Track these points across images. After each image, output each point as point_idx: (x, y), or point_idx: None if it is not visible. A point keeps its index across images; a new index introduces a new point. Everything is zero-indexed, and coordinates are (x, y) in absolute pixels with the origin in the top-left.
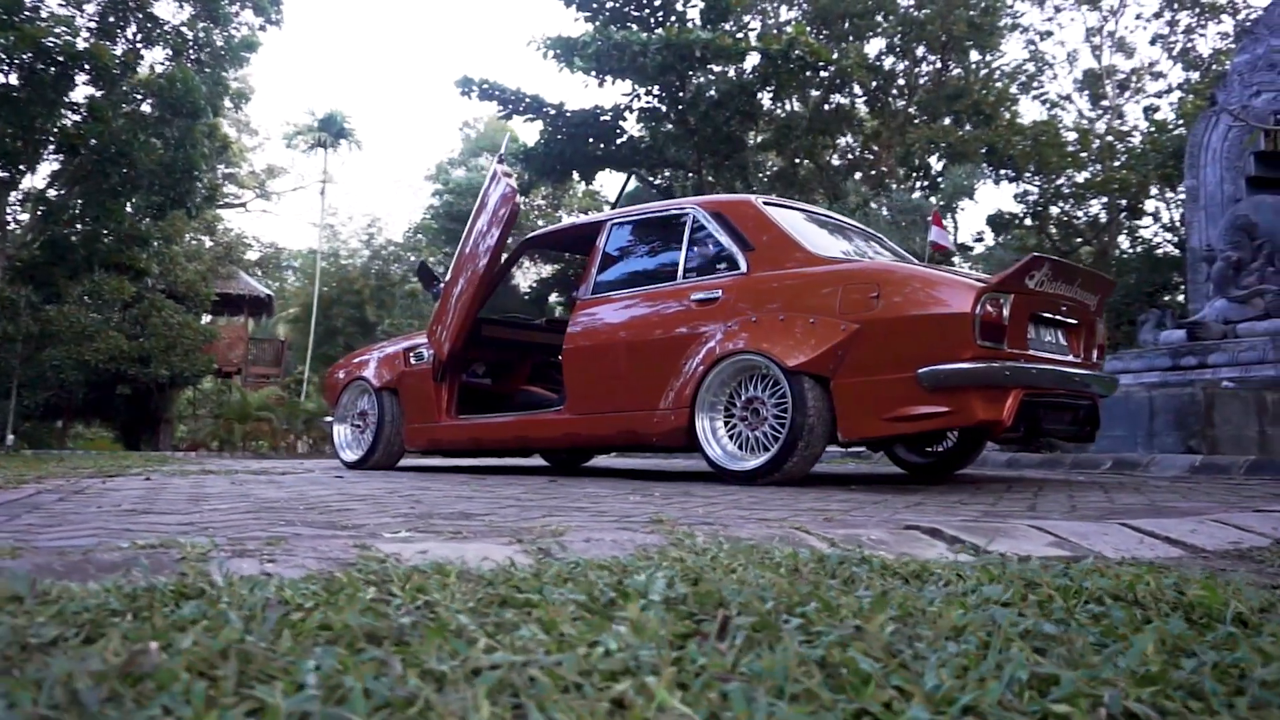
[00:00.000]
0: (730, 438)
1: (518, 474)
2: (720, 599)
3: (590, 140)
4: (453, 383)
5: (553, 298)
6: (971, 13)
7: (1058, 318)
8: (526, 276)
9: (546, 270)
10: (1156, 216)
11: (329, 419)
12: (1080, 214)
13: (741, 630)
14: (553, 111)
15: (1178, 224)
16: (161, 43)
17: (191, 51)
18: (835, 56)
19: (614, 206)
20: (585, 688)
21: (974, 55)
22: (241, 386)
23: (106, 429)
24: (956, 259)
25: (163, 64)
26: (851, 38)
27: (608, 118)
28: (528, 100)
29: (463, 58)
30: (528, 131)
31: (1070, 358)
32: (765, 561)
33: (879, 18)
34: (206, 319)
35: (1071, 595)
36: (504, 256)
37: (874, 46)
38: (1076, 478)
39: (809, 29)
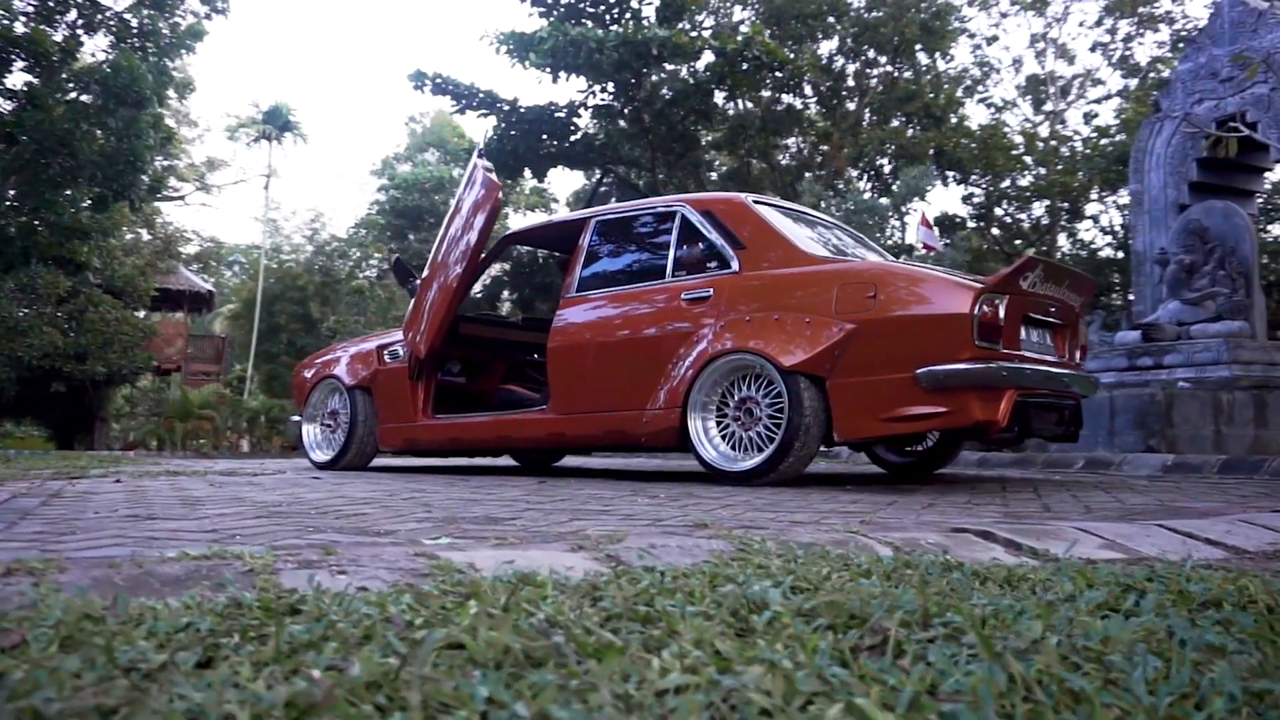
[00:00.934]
0: (723, 438)
1: (497, 474)
2: (854, 610)
3: (544, 137)
4: (429, 381)
5: (504, 294)
6: (923, 16)
7: (1046, 318)
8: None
9: (497, 269)
10: (1096, 219)
11: (296, 418)
12: (1023, 216)
13: (908, 644)
14: (507, 107)
15: (1117, 227)
16: (103, 29)
17: (135, 39)
18: (791, 57)
19: (588, 204)
20: (789, 709)
21: (924, 58)
22: (182, 384)
23: (38, 428)
24: (903, 258)
25: (105, 51)
26: (805, 38)
27: (562, 114)
28: (481, 96)
29: (410, 51)
30: (479, 127)
31: (1056, 358)
32: (852, 567)
33: (832, 19)
34: (144, 315)
35: (1182, 601)
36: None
37: (825, 48)
38: (1054, 476)
39: (763, 29)
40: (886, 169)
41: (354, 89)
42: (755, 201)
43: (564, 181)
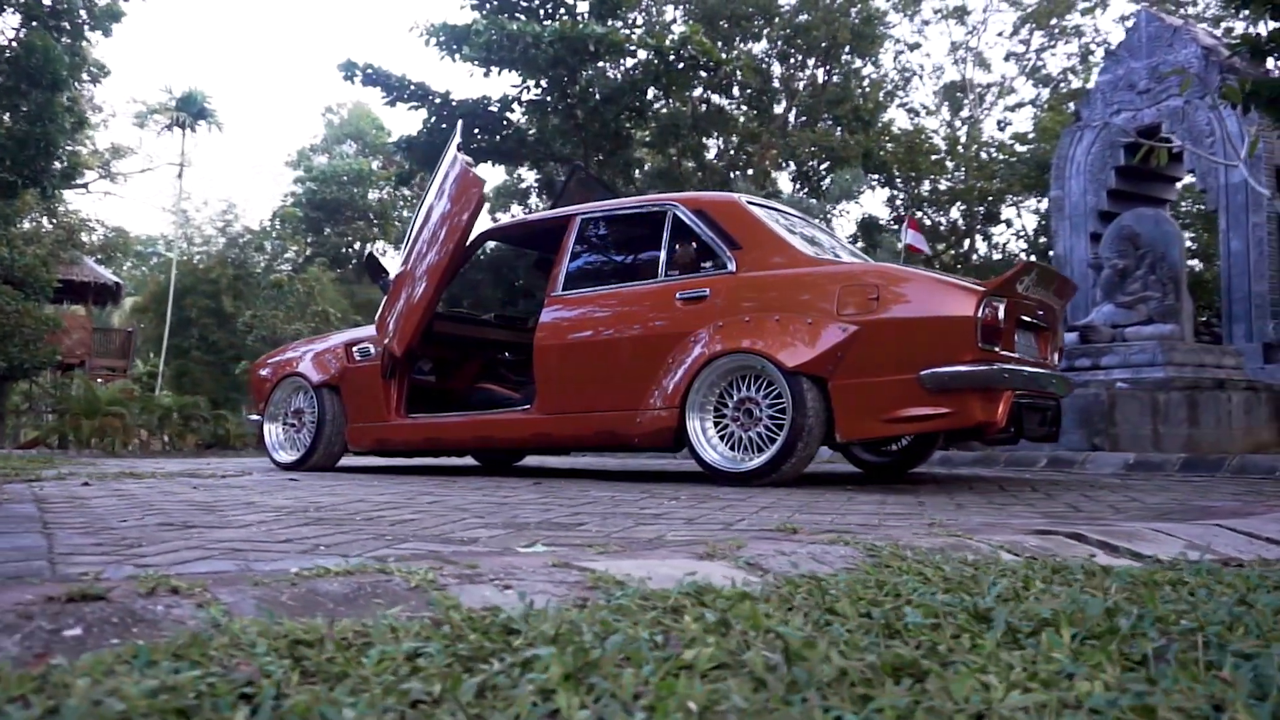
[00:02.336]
0: (721, 439)
1: (471, 474)
2: (1094, 620)
3: (475, 131)
4: (402, 380)
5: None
6: (855, 20)
7: (1033, 321)
8: None
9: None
10: (1009, 223)
11: (255, 416)
12: (942, 219)
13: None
14: (438, 100)
15: (1030, 231)
16: (12, 7)
17: (49, 19)
18: (726, 57)
19: (555, 202)
20: None
21: (855, 62)
22: (87, 379)
23: None
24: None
25: (15, 30)
26: (736, 39)
27: (494, 109)
28: (413, 88)
29: (328, 39)
30: (402, 119)
31: (1039, 359)
32: (1010, 573)
33: (763, 21)
34: (50, 308)
35: None
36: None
37: (756, 49)
38: (1024, 474)
39: (699, 29)
40: (816, 171)
41: (267, 77)
42: (749, 202)
43: (489, 177)
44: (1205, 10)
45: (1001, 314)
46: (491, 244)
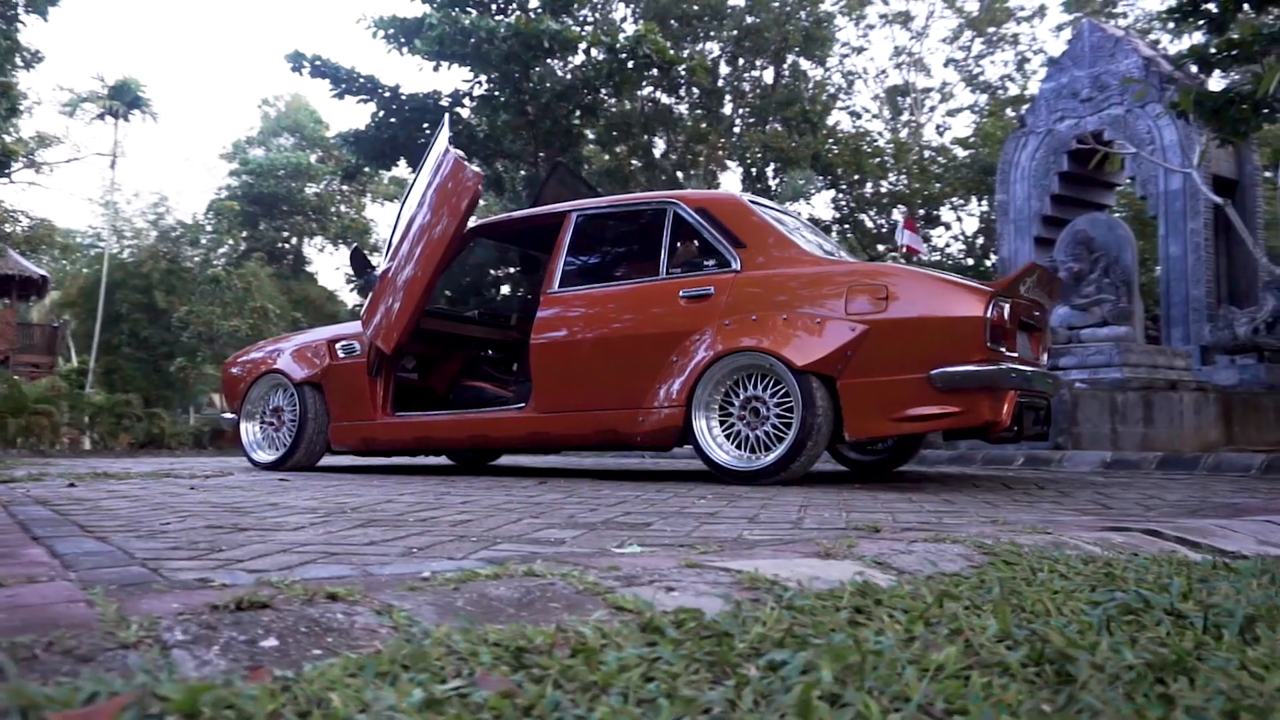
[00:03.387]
0: (727, 437)
1: (463, 475)
2: None
3: (425, 126)
4: (389, 378)
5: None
6: (806, 23)
7: (1029, 321)
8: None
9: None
10: (948, 226)
11: (230, 415)
12: (883, 221)
13: None
14: (388, 94)
15: (969, 234)
16: None
17: None
18: (680, 57)
19: (536, 198)
20: None
21: (802, 64)
22: (11, 376)
23: None
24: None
25: None
26: (686, 39)
27: (446, 104)
28: (361, 80)
29: (266, 28)
30: (345, 112)
31: (1034, 359)
32: (1152, 576)
33: (714, 21)
34: None
35: None
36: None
37: (706, 50)
38: (1007, 472)
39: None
40: (763, 172)
41: (201, 66)
42: (752, 201)
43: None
44: (1134, 23)
45: (1007, 314)
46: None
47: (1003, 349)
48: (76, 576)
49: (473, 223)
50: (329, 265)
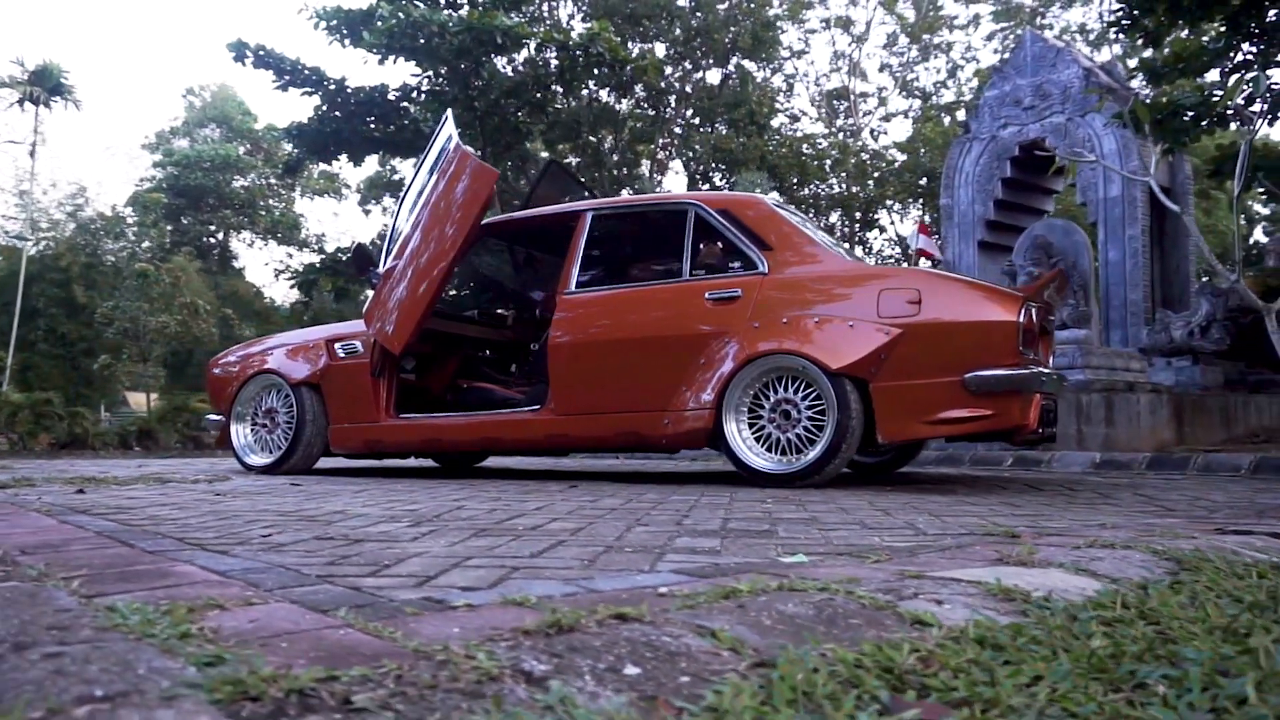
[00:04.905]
0: (757, 440)
1: (464, 477)
2: None
3: (370, 121)
4: (392, 378)
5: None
6: (754, 25)
7: (1044, 325)
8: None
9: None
10: (883, 229)
11: (215, 417)
12: (821, 223)
13: None
14: (333, 87)
15: (904, 237)
16: None
17: None
18: (633, 56)
19: (529, 195)
20: None
21: (749, 66)
22: None
23: None
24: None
25: None
26: (633, 38)
27: (393, 97)
28: (306, 72)
29: (184, 14)
30: (282, 106)
31: (1045, 361)
32: None
33: (665, 20)
34: None
35: None
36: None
37: (655, 50)
38: (1003, 474)
39: (586, 26)
40: (710, 174)
41: (121, 53)
42: (775, 203)
43: (354, 170)
44: (1058, 36)
45: (1035, 319)
46: None
47: (1031, 354)
48: (285, 597)
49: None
50: (258, 260)
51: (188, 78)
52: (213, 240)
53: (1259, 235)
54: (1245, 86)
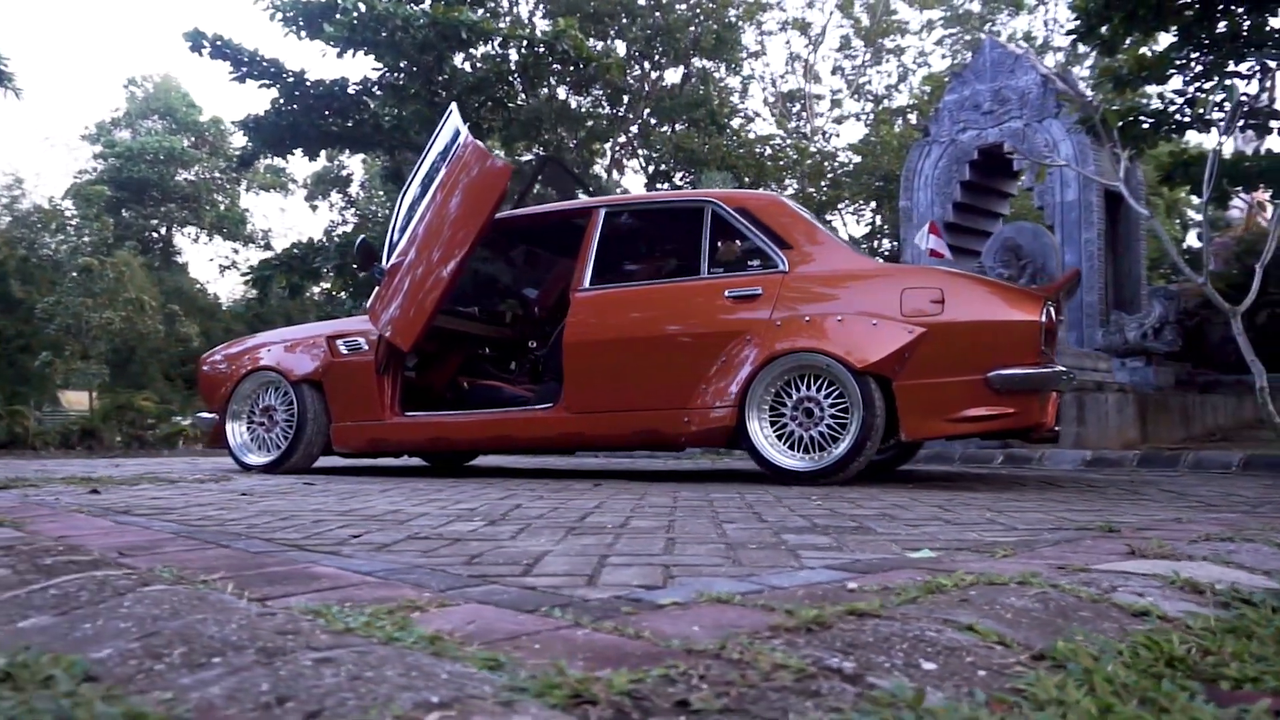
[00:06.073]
0: (779, 438)
1: (468, 476)
2: None
3: (328, 115)
4: (397, 376)
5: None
6: (716, 26)
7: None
8: None
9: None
10: (836, 231)
11: (207, 415)
12: None
13: None
14: (291, 79)
15: (856, 238)
16: None
17: None
18: (597, 54)
19: (523, 193)
20: None
21: (707, 64)
22: None
23: None
24: None
25: None
26: (594, 36)
27: (353, 91)
28: (265, 64)
29: (129, 2)
30: (230, 97)
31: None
32: None
33: (626, 19)
34: None
35: None
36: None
37: (613, 47)
38: (999, 471)
39: (547, 24)
40: (674, 172)
41: (60, 40)
42: (790, 202)
43: (302, 165)
44: (1011, 43)
45: (1054, 318)
46: None
47: (1050, 352)
48: (468, 598)
49: None
50: (202, 256)
51: (130, 68)
52: (155, 235)
53: (1192, 240)
54: (1220, 94)
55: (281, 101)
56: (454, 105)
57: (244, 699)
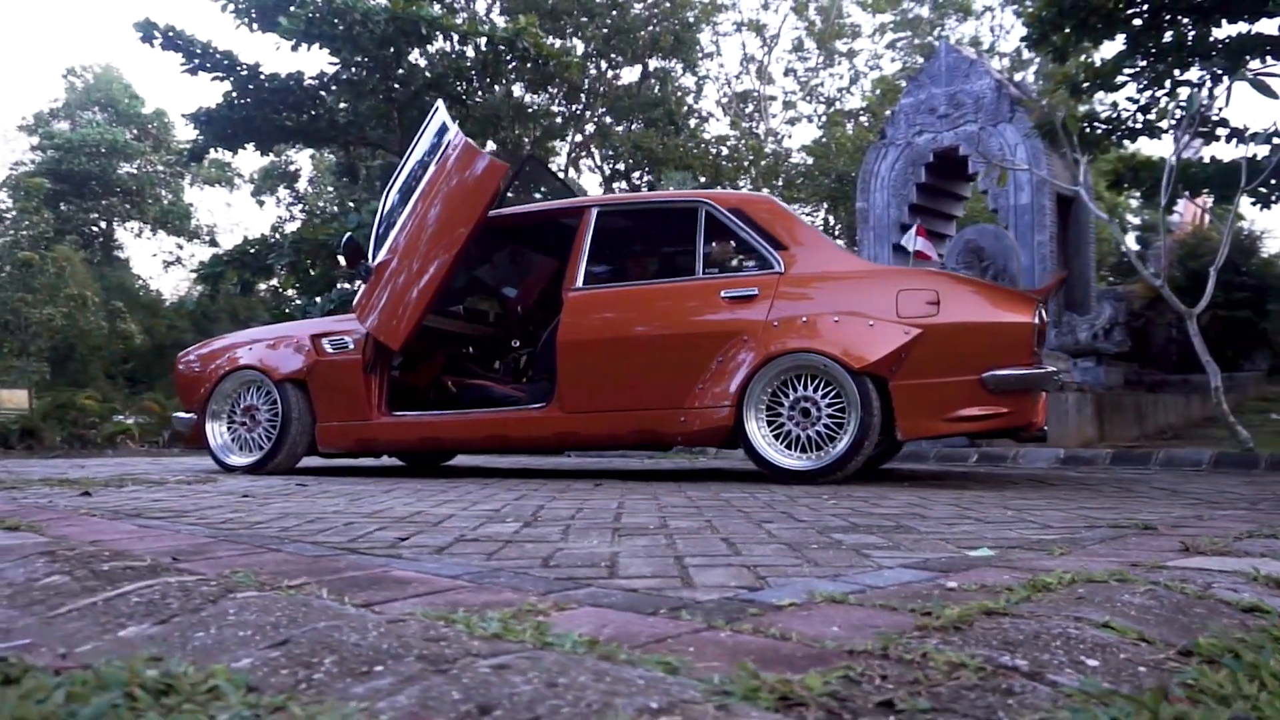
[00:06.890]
0: (776, 437)
1: (461, 476)
2: None
3: (282, 109)
4: (384, 375)
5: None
6: (675, 27)
7: None
8: None
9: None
10: None
11: (185, 414)
12: None
13: None
14: (245, 72)
15: None
16: None
17: None
18: (558, 52)
19: (519, 191)
20: None
21: (666, 65)
22: None
23: None
24: None
25: None
26: (551, 35)
27: (309, 85)
28: (218, 56)
29: None
30: (178, 90)
31: None
32: None
33: (585, 18)
34: None
35: None
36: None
37: (570, 46)
38: (979, 470)
39: (506, 20)
40: (633, 171)
41: None
42: (781, 203)
43: (249, 159)
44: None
45: (1045, 320)
46: None
47: (1040, 353)
48: (574, 601)
49: None
50: (145, 251)
51: (69, 57)
52: (96, 229)
53: (1130, 242)
54: (1177, 101)
55: (235, 95)
56: (440, 102)
57: (442, 708)
